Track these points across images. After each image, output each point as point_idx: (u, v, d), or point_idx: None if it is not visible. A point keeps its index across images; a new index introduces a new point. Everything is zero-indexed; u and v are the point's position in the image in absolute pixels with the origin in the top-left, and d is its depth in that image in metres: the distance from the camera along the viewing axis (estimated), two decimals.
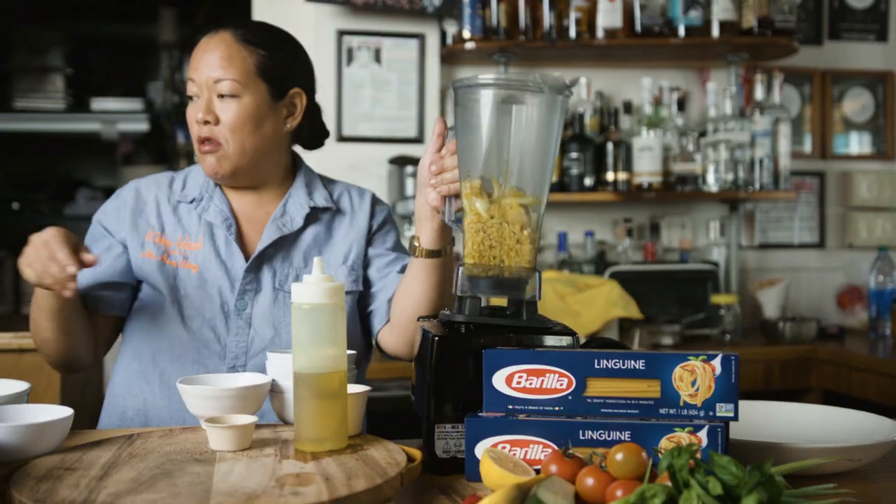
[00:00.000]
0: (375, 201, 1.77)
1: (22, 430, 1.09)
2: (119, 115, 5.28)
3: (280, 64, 1.64)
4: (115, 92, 5.38)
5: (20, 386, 1.28)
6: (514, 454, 1.14)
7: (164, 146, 5.62)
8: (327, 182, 1.77)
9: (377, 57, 3.10)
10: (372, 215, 1.74)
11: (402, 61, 3.12)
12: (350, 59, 3.09)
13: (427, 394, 1.24)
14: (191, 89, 1.62)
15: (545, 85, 1.24)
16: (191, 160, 5.54)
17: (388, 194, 3.08)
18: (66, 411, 1.17)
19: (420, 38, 3.12)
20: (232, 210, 1.67)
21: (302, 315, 1.15)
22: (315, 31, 3.08)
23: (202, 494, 0.96)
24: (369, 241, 1.71)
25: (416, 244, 1.51)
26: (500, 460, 1.10)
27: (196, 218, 1.65)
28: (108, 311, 1.62)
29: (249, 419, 1.17)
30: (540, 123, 1.27)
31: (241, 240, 1.64)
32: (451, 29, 3.12)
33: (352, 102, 3.10)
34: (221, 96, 1.58)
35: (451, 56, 3.16)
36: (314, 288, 1.15)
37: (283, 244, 1.65)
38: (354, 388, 1.25)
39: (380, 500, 1.00)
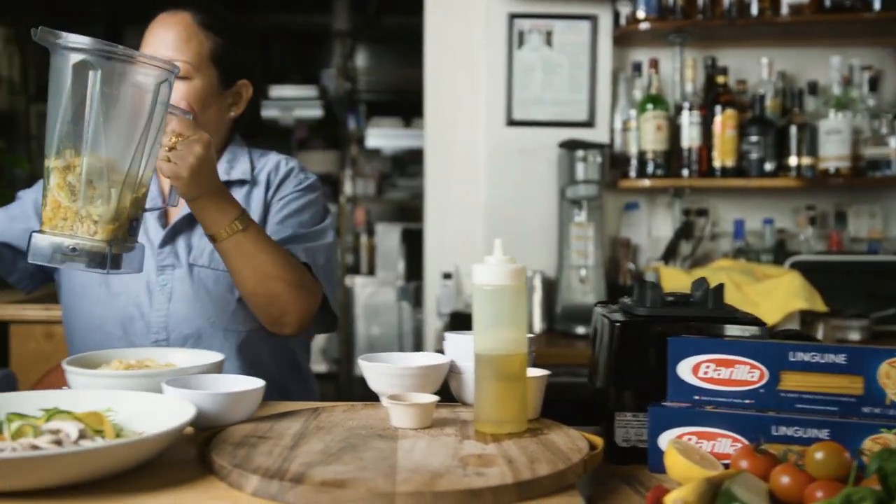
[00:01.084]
0: (288, 172, 1.73)
1: (220, 399, 1.15)
2: (295, 101, 5.50)
3: (234, 53, 1.68)
4: (292, 80, 5.59)
5: (215, 357, 1.35)
6: (701, 446, 1.10)
7: (337, 131, 5.81)
8: (258, 156, 1.76)
9: (548, 40, 3.06)
10: (268, 186, 1.71)
11: (574, 44, 3.07)
12: (521, 42, 3.07)
13: (608, 381, 1.22)
14: None
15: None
16: (360, 145, 5.70)
17: (558, 179, 3.04)
18: (259, 382, 1.22)
19: (592, 19, 3.06)
20: (161, 189, 1.71)
21: (484, 296, 1.15)
22: (486, 15, 3.08)
23: (388, 469, 0.97)
24: (266, 212, 1.69)
25: None
26: (686, 452, 1.06)
27: None
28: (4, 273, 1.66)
29: (431, 398, 1.19)
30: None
31: (167, 219, 1.68)
32: (624, 9, 3.04)
33: (522, 86, 3.08)
34: None
35: (624, 37, 3.09)
36: (496, 269, 1.15)
37: None
38: (535, 372, 1.24)
39: (562, 486, 0.98)
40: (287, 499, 0.91)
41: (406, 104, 5.62)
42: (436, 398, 1.19)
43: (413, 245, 4.40)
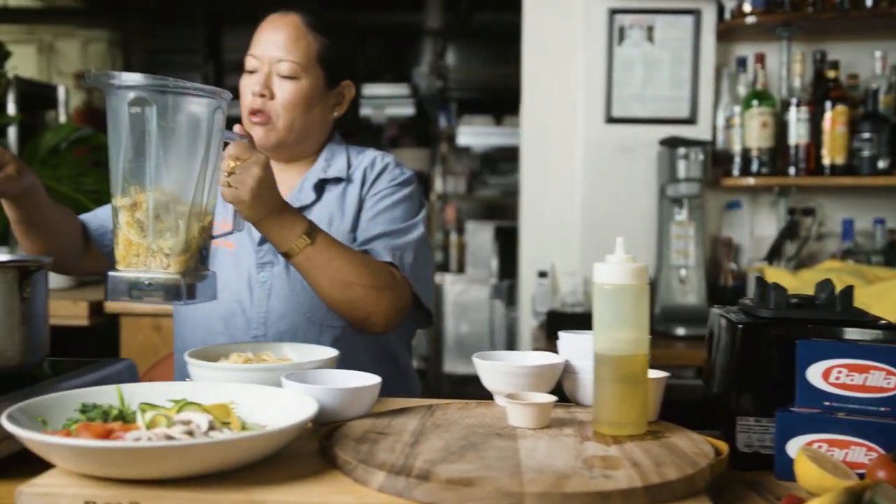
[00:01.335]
0: (383, 168, 1.72)
1: (340, 394, 1.16)
2: (387, 100, 5.54)
3: (339, 55, 1.70)
4: (384, 78, 5.64)
5: (330, 352, 1.36)
6: (832, 455, 1.06)
7: (427, 129, 5.84)
8: (356, 153, 1.76)
9: (649, 35, 3.01)
10: (363, 182, 1.71)
11: (676, 39, 3.01)
12: (621, 38, 3.02)
13: (728, 384, 1.18)
14: (250, 63, 1.67)
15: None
16: (451, 143, 5.71)
17: (658, 176, 2.99)
18: (375, 379, 1.23)
19: (695, 13, 2.99)
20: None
21: (604, 295, 1.13)
22: (586, 11, 3.04)
23: (512, 469, 0.96)
24: (360, 208, 1.69)
25: None
26: (818, 460, 1.02)
27: None
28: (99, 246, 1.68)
29: (549, 398, 1.17)
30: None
31: None
32: (729, 3, 2.96)
33: (622, 83, 3.04)
34: (280, 76, 1.64)
35: (729, 32, 3.01)
36: (617, 268, 1.13)
37: None
38: (654, 373, 1.21)
39: (691, 491, 0.96)
40: (413, 496, 0.91)
41: (497, 102, 5.61)
42: (553, 398, 1.18)
43: (506, 243, 4.38)
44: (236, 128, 1.38)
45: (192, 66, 5.51)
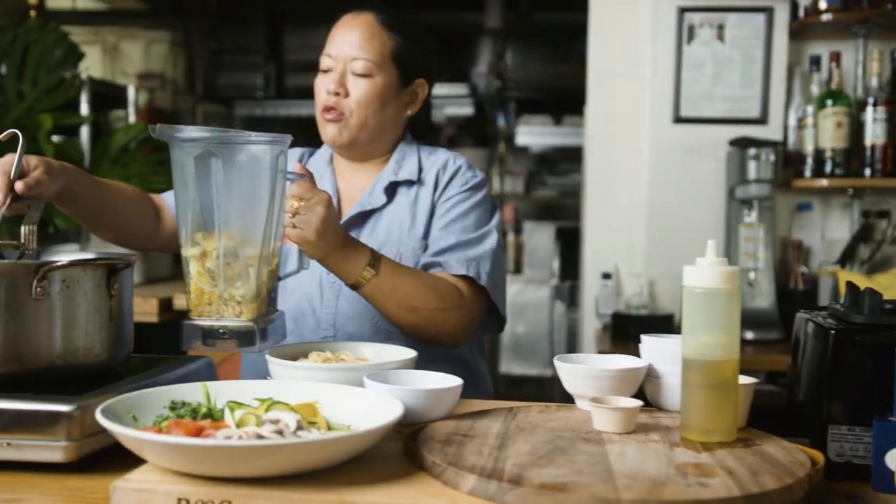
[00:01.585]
0: (455, 171, 1.70)
1: (424, 395, 1.15)
2: (445, 99, 5.54)
3: (413, 53, 1.69)
4: (443, 78, 5.64)
5: (408, 353, 1.35)
6: None
7: (486, 129, 5.82)
8: (427, 154, 1.74)
9: (720, 34, 2.96)
10: (436, 186, 1.69)
11: (747, 37, 2.95)
12: (690, 37, 2.97)
13: (818, 392, 1.15)
14: (325, 63, 1.67)
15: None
16: (509, 143, 5.69)
17: (727, 178, 2.93)
18: (456, 380, 1.22)
19: (767, 11, 2.93)
20: (337, 188, 1.74)
21: (695, 299, 1.11)
22: (654, 9, 3.00)
23: (604, 474, 0.95)
24: (432, 213, 1.68)
25: None
26: None
27: None
28: None
29: (635, 402, 1.15)
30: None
31: (339, 216, 1.68)
32: (803, 1, 2.90)
33: (691, 82, 2.99)
34: (354, 74, 1.64)
35: (802, 30, 2.94)
36: (708, 271, 1.10)
37: (369, 218, 1.68)
38: (743, 380, 1.19)
39: (789, 502, 0.93)
40: (506, 500, 0.90)
41: (556, 101, 5.58)
42: (640, 403, 1.16)
43: (567, 243, 4.35)
44: (296, 167, 1.38)
45: (253, 67, 5.57)
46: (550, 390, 4.55)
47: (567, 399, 1.32)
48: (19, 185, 1.31)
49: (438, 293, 1.53)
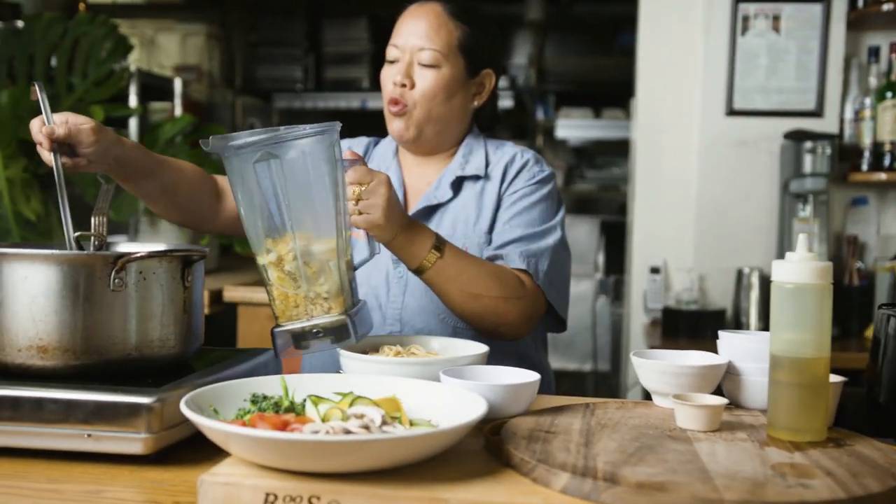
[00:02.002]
0: (522, 165, 1.67)
1: (504, 391, 1.13)
2: None
3: (480, 43, 1.66)
4: None
5: (480, 348, 1.34)
6: None
7: (525, 122, 5.78)
8: (494, 148, 1.72)
9: (775, 25, 2.90)
10: (503, 180, 1.66)
11: (803, 28, 2.89)
12: (745, 28, 2.92)
13: None
14: (391, 53, 1.65)
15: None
16: (548, 135, 5.65)
17: (781, 171, 2.89)
18: (534, 375, 1.20)
19: (825, 2, 2.87)
20: (403, 182, 1.72)
21: (784, 295, 1.08)
22: (707, 0, 2.95)
23: (700, 474, 0.92)
24: (497, 207, 1.65)
25: None
26: None
27: None
28: None
29: (720, 400, 1.12)
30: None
31: (407, 209, 1.67)
32: None
33: (745, 74, 2.94)
34: (421, 64, 1.61)
35: (860, 21, 2.88)
36: (798, 266, 1.07)
37: (435, 213, 1.67)
38: (832, 378, 1.15)
39: None
40: (602, 499, 0.88)
41: (596, 94, 5.53)
42: (724, 400, 1.13)
43: (609, 237, 4.31)
44: (346, 153, 1.35)
45: (292, 59, 5.57)
46: (589, 385, 4.52)
47: (599, 395, 1.29)
48: (60, 129, 1.31)
49: (501, 282, 1.51)
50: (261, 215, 1.22)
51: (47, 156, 1.33)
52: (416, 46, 1.62)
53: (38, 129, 1.33)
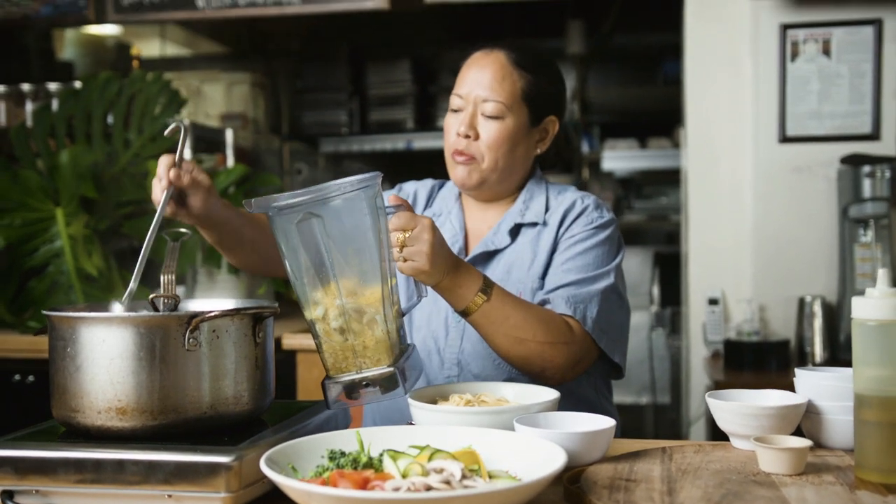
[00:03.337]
0: (581, 211, 1.64)
1: (580, 438, 1.12)
2: None
3: (543, 91, 1.66)
4: None
5: (551, 394, 1.32)
6: None
7: (570, 155, 5.79)
8: (555, 194, 1.70)
9: (825, 49, 2.87)
10: (560, 224, 1.64)
11: (855, 51, 2.86)
12: (794, 54, 2.90)
13: None
14: (455, 103, 1.65)
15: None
16: (594, 168, 5.63)
17: (839, 197, 2.84)
18: (610, 421, 1.18)
19: (876, 24, 2.84)
20: (465, 225, 1.73)
21: (867, 332, 1.05)
22: (754, 28, 2.94)
23: None
24: (553, 251, 1.64)
25: None
26: None
27: None
28: None
29: (804, 442, 1.10)
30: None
31: (466, 252, 1.70)
32: None
33: (797, 100, 2.91)
34: (485, 115, 1.61)
35: None
36: (881, 302, 1.05)
37: (492, 258, 1.67)
38: None
39: None
40: None
41: (641, 124, 5.51)
42: (809, 442, 1.10)
43: (662, 268, 4.26)
44: (389, 199, 1.36)
45: (336, 103, 5.64)
46: (647, 418, 4.45)
47: (659, 433, 1.26)
48: (185, 178, 1.44)
49: (548, 327, 1.49)
50: (306, 272, 1.23)
51: (158, 194, 1.44)
52: (481, 97, 1.62)
53: (167, 167, 1.44)
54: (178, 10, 3.28)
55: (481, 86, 1.62)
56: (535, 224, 1.67)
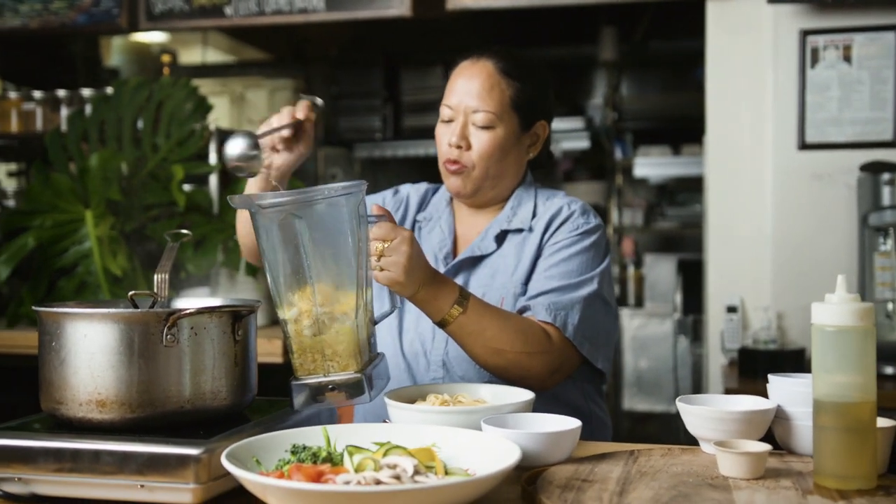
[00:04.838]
0: (567, 217, 1.65)
1: (541, 439, 1.14)
2: (562, 133, 5.52)
3: (532, 97, 1.67)
4: (558, 112, 5.62)
5: (526, 395, 1.34)
6: None
7: (603, 162, 5.76)
8: (544, 199, 1.70)
9: (846, 55, 2.84)
10: (545, 230, 1.65)
11: (876, 57, 2.82)
12: (814, 60, 2.87)
13: None
14: (445, 113, 1.66)
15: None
16: (627, 174, 5.61)
17: (859, 204, 2.80)
18: (575, 423, 1.20)
19: None
20: (455, 230, 1.75)
21: (825, 338, 1.06)
22: (774, 34, 2.91)
23: None
24: (538, 256, 1.65)
25: None
26: None
27: (426, 236, 1.75)
28: None
29: (763, 446, 1.10)
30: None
31: (454, 256, 1.72)
32: None
33: (817, 107, 2.88)
34: (476, 125, 1.62)
35: None
36: (839, 308, 1.05)
37: (478, 263, 1.68)
38: (882, 422, 1.12)
39: None
40: None
41: (675, 131, 5.47)
42: (768, 447, 1.11)
43: (689, 276, 4.24)
44: (373, 208, 1.39)
45: (371, 109, 5.70)
46: (676, 428, 4.42)
47: (683, 441, 1.28)
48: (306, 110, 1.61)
49: (525, 336, 1.50)
50: (283, 271, 1.25)
51: (285, 118, 1.60)
52: (471, 108, 1.63)
53: (307, 111, 1.60)
54: (208, 18, 3.35)
55: (470, 95, 1.63)
56: (520, 230, 1.69)
